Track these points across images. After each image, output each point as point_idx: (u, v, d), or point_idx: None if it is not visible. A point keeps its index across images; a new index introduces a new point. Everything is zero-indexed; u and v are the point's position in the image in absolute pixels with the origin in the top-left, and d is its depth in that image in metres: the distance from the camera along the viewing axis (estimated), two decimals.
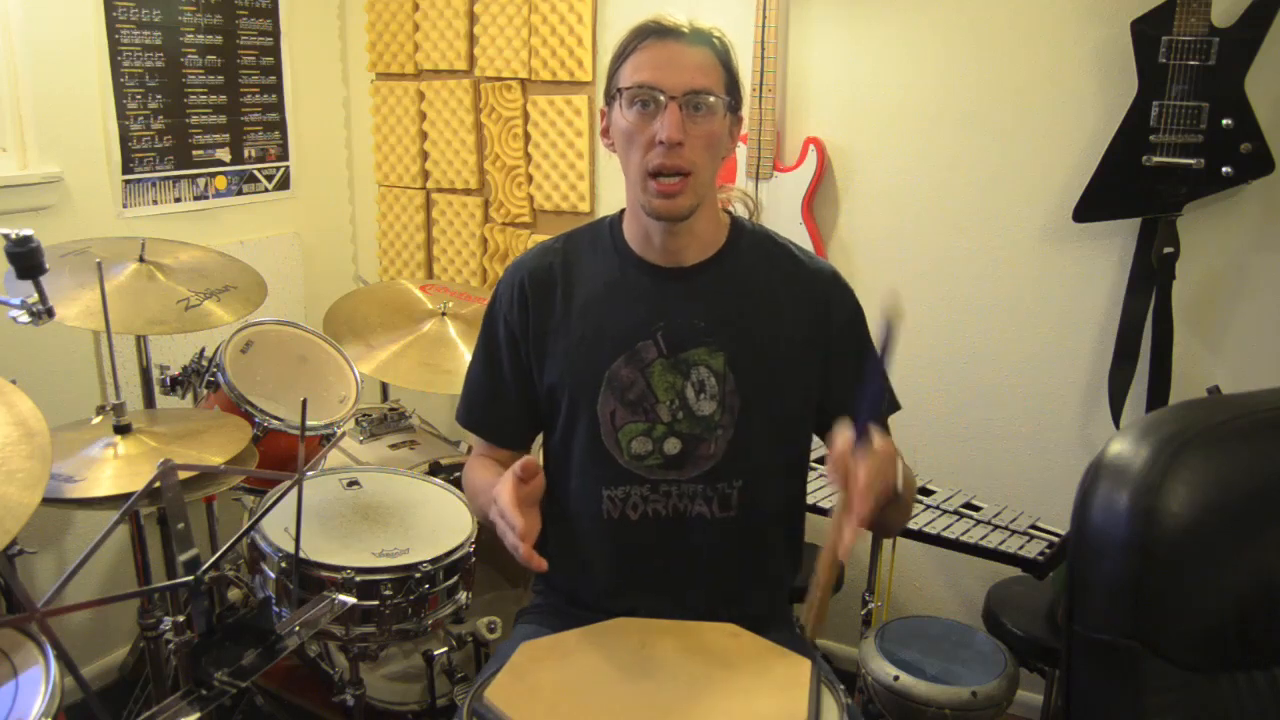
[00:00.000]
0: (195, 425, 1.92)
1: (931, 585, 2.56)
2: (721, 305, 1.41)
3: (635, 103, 1.31)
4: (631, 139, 1.33)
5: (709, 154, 1.34)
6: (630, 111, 1.32)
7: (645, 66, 1.31)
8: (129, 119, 2.51)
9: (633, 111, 1.32)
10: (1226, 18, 1.93)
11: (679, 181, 1.31)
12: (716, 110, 1.33)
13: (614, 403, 1.40)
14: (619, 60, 1.35)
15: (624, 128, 1.33)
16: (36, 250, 1.51)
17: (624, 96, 1.33)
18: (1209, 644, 0.95)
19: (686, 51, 1.31)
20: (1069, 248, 2.25)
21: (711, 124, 1.32)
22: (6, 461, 1.35)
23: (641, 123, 1.31)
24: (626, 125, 1.33)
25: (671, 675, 1.23)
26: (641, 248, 1.43)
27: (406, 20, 2.97)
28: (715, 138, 1.34)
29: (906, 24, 2.32)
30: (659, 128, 1.29)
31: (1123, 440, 0.99)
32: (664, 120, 1.29)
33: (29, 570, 2.34)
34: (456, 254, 3.07)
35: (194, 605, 1.28)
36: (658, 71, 1.30)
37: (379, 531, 1.88)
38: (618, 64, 1.35)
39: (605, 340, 1.41)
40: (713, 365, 1.39)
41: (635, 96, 1.31)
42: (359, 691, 1.91)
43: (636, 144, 1.32)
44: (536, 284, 1.45)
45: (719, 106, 1.33)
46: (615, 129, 1.36)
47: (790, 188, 2.43)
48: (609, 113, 1.38)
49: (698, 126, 1.31)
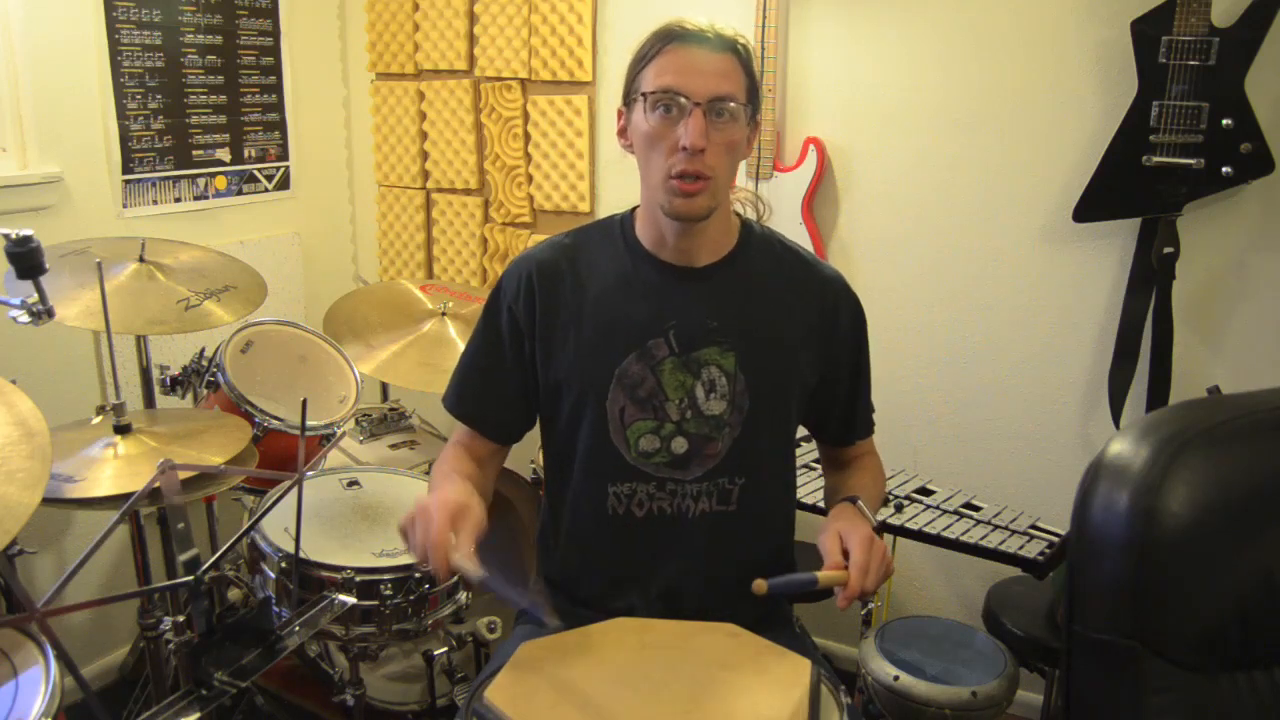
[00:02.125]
0: (195, 425, 1.92)
1: (931, 585, 2.56)
2: (732, 306, 1.41)
3: (658, 107, 1.31)
4: (653, 143, 1.33)
5: (729, 160, 1.35)
6: (653, 115, 1.32)
7: (669, 71, 1.31)
8: (129, 119, 2.51)
9: (655, 115, 1.32)
10: (1226, 18, 1.93)
11: (699, 184, 1.32)
12: (739, 117, 1.33)
13: (624, 399, 1.40)
14: (641, 63, 1.35)
15: (645, 131, 1.33)
16: (36, 250, 1.51)
17: (647, 101, 1.32)
18: (1209, 644, 0.95)
19: (710, 58, 1.31)
20: (1069, 248, 2.25)
21: (733, 131, 1.33)
22: (6, 461, 1.35)
23: (664, 127, 1.31)
24: (648, 129, 1.33)
25: (671, 675, 1.23)
26: (654, 246, 1.43)
27: (406, 20, 2.97)
28: (736, 144, 1.34)
29: (906, 24, 2.32)
30: (682, 133, 1.29)
31: (1123, 440, 0.99)
32: (688, 126, 1.29)
33: (29, 570, 2.34)
34: (456, 254, 3.07)
35: (194, 605, 1.28)
36: (682, 77, 1.30)
37: (379, 531, 1.88)
38: (640, 67, 1.35)
39: (617, 336, 1.41)
40: (724, 365, 1.40)
41: (659, 101, 1.31)
42: (359, 691, 1.91)
43: (658, 148, 1.33)
44: (545, 276, 1.44)
45: (741, 113, 1.33)
46: (635, 131, 1.36)
47: (790, 188, 2.43)
48: (627, 114, 1.38)
49: (720, 133, 1.31)
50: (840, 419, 1.54)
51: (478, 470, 1.48)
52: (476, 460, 1.50)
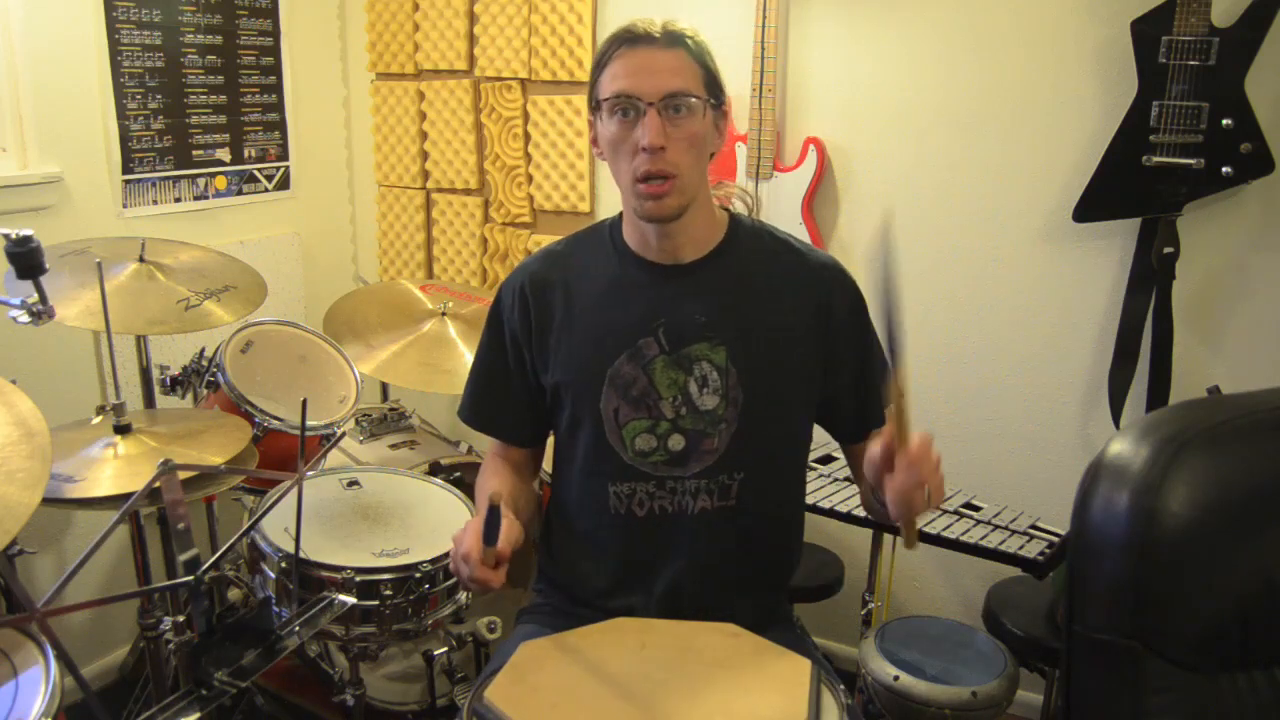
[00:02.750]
0: (195, 425, 1.92)
1: (931, 585, 2.56)
2: (721, 300, 1.42)
3: (615, 112, 1.33)
4: (616, 148, 1.35)
5: (693, 154, 1.35)
6: (611, 121, 1.34)
7: (621, 75, 1.32)
8: (129, 119, 2.51)
9: (614, 121, 1.34)
10: (1226, 18, 1.93)
11: (665, 184, 1.33)
12: (697, 110, 1.33)
13: (617, 400, 1.41)
14: (597, 70, 1.37)
15: (608, 137, 1.36)
16: (36, 250, 1.51)
17: (604, 107, 1.35)
18: (1209, 644, 0.95)
19: (659, 56, 1.32)
20: (1069, 248, 2.25)
21: (692, 124, 1.33)
22: (6, 461, 1.35)
23: (623, 131, 1.33)
24: (610, 135, 1.35)
25: (671, 675, 1.23)
26: (640, 248, 1.44)
27: (406, 20, 2.97)
28: (698, 137, 1.35)
29: (906, 24, 2.32)
30: (640, 134, 1.31)
31: (1123, 440, 0.99)
32: (644, 127, 1.30)
33: (29, 570, 2.34)
34: (456, 254, 3.07)
35: (194, 605, 1.27)
36: (633, 79, 1.31)
37: (379, 531, 1.88)
38: (596, 74, 1.37)
39: (607, 338, 1.42)
40: (714, 360, 1.40)
41: (615, 106, 1.33)
42: (359, 691, 1.91)
43: (621, 152, 1.34)
44: (537, 287, 1.46)
45: (699, 106, 1.34)
46: (601, 138, 1.38)
47: (790, 188, 2.43)
48: (594, 122, 1.40)
49: (679, 129, 1.32)
50: (852, 410, 1.50)
51: (515, 475, 1.55)
52: (513, 465, 1.56)
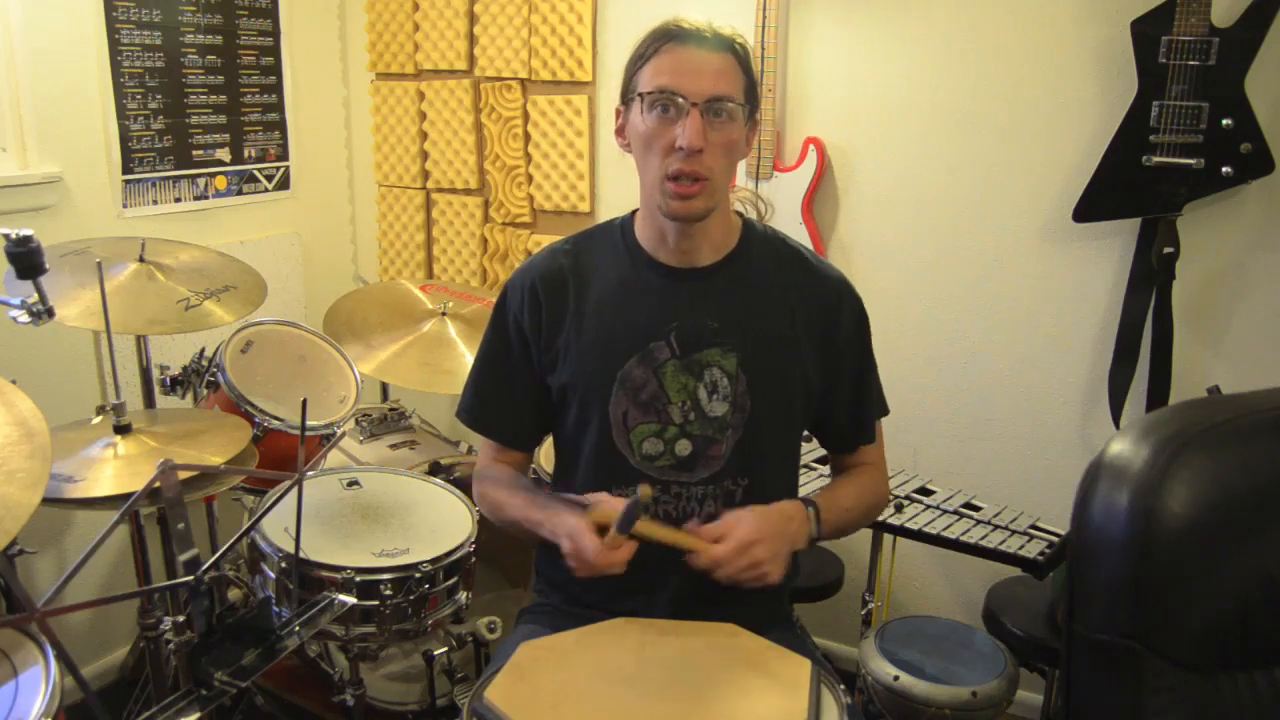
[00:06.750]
0: (195, 425, 1.92)
1: (931, 585, 2.55)
2: (734, 306, 1.41)
3: (655, 107, 1.31)
4: (650, 143, 1.33)
5: (726, 160, 1.34)
6: (650, 115, 1.32)
7: (666, 71, 1.30)
8: (129, 119, 2.51)
9: (652, 115, 1.31)
10: (1226, 18, 1.93)
11: (696, 185, 1.31)
12: (736, 117, 1.32)
13: (626, 403, 1.40)
14: (639, 62, 1.34)
15: (643, 131, 1.33)
16: (36, 250, 1.51)
17: (644, 100, 1.32)
18: (1209, 644, 0.95)
19: (708, 57, 1.30)
20: (1069, 248, 2.25)
21: (731, 131, 1.32)
22: (6, 461, 1.35)
23: (661, 127, 1.31)
24: (645, 129, 1.32)
25: (671, 675, 1.23)
26: (654, 248, 1.43)
27: (406, 20, 2.97)
28: (734, 144, 1.34)
29: (906, 24, 2.32)
30: (680, 134, 1.29)
31: (1123, 440, 0.99)
32: (685, 126, 1.28)
33: (29, 570, 2.34)
34: (456, 254, 3.07)
35: (194, 605, 1.27)
36: (679, 77, 1.29)
37: (379, 531, 1.88)
38: (637, 66, 1.34)
39: (618, 340, 1.41)
40: (725, 366, 1.40)
41: (656, 101, 1.31)
42: (359, 691, 1.91)
43: (655, 148, 1.32)
44: (548, 285, 1.44)
45: (739, 113, 1.33)
46: (633, 131, 1.36)
47: (790, 188, 2.43)
48: (625, 113, 1.38)
49: (718, 133, 1.31)
50: (841, 425, 1.52)
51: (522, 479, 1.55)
52: (513, 470, 1.55)
